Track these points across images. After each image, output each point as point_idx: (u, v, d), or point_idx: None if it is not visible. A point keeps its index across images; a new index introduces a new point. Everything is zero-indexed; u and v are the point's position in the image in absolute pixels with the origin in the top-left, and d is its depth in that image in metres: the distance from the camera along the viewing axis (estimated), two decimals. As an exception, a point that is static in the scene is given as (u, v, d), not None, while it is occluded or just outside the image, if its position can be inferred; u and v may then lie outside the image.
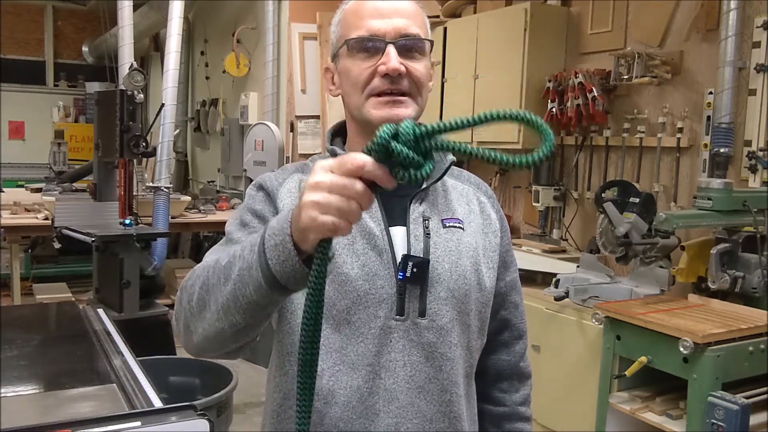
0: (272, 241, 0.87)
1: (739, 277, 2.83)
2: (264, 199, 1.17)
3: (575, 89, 3.74)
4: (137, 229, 3.81)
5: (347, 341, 1.11)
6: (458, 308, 1.15)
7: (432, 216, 1.17)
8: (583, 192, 3.99)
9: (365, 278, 1.11)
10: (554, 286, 3.35)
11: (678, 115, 3.43)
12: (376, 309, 1.11)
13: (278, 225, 0.87)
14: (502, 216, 1.30)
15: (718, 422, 2.31)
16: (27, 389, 1.62)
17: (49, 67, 9.36)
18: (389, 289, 1.11)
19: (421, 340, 1.12)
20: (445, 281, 1.14)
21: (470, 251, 1.18)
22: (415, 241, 1.14)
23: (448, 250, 1.16)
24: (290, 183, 1.18)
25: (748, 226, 2.85)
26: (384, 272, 1.12)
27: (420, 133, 0.80)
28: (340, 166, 0.80)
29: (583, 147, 3.97)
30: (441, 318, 1.14)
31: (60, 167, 5.63)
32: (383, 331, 1.11)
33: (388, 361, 1.11)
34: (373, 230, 1.13)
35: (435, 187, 1.21)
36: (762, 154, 3.05)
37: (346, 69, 1.15)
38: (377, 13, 1.12)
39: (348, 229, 0.81)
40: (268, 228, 0.89)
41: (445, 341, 1.14)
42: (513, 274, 1.31)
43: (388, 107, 1.12)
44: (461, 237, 1.18)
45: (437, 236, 1.16)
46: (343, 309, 1.10)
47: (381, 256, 1.12)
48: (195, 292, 1.00)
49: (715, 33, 3.18)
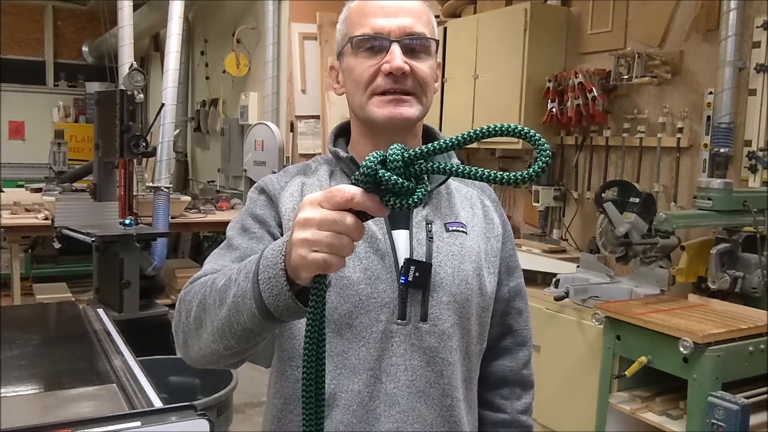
0: (266, 274, 0.84)
1: (739, 277, 2.82)
2: (266, 203, 1.16)
3: (575, 89, 3.74)
4: (137, 229, 3.82)
5: (349, 345, 1.10)
6: (459, 313, 1.15)
7: (435, 219, 1.17)
8: (583, 192, 3.99)
9: (367, 282, 1.10)
10: (554, 286, 3.35)
11: (678, 115, 3.43)
12: (377, 313, 1.10)
13: (272, 257, 0.84)
14: (506, 220, 1.29)
15: (718, 422, 2.31)
16: (27, 389, 1.62)
17: (49, 67, 9.36)
18: (391, 293, 1.11)
19: (422, 344, 1.12)
20: (447, 285, 1.13)
21: (473, 255, 1.18)
22: (417, 245, 1.13)
23: (450, 254, 1.15)
24: (292, 186, 1.17)
25: (748, 226, 2.85)
26: (386, 276, 1.11)
27: (409, 157, 0.77)
28: (329, 200, 0.77)
29: (583, 147, 3.97)
30: (443, 323, 1.13)
31: (60, 167, 5.63)
32: (384, 335, 1.10)
33: (389, 366, 1.10)
34: (375, 234, 1.12)
35: (439, 190, 1.20)
36: (762, 154, 3.05)
37: (350, 67, 1.14)
38: (382, 11, 1.11)
39: (341, 264, 0.78)
40: (263, 258, 0.86)
41: (446, 346, 1.13)
42: (517, 280, 1.29)
43: (392, 106, 1.11)
44: (464, 241, 1.18)
45: (440, 240, 1.15)
46: (345, 313, 1.10)
47: (383, 259, 1.11)
48: (192, 309, 0.99)
49: (715, 33, 3.18)
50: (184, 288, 1.06)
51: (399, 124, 1.12)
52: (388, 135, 1.14)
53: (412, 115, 1.12)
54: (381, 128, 1.14)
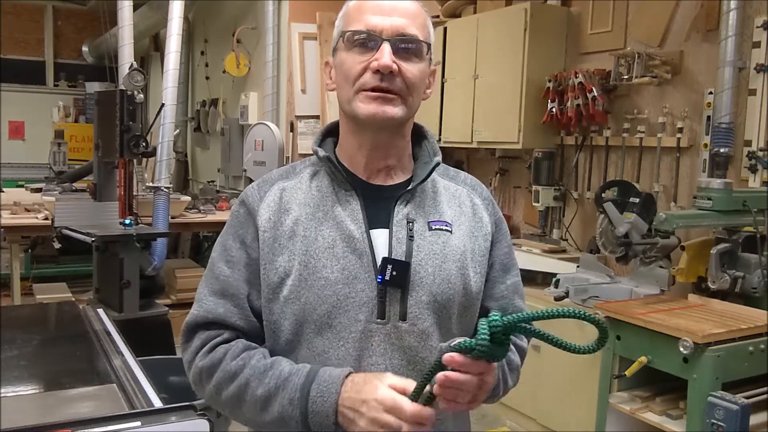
0: (316, 418, 1.02)
1: (739, 277, 2.82)
2: (245, 219, 1.18)
3: (575, 89, 3.74)
4: (137, 229, 3.81)
5: (329, 345, 1.11)
6: (440, 312, 1.14)
7: (418, 218, 1.16)
8: (583, 192, 3.99)
9: (345, 282, 1.11)
10: (554, 286, 3.35)
11: (678, 115, 3.43)
12: (356, 312, 1.10)
13: (323, 409, 1.02)
14: (500, 219, 1.28)
15: (718, 422, 2.31)
16: (27, 389, 1.62)
17: (49, 67, 9.36)
18: (369, 292, 1.11)
19: (402, 343, 1.12)
20: (427, 285, 1.13)
21: (457, 255, 1.17)
22: (397, 244, 1.13)
23: (432, 253, 1.14)
24: (270, 196, 1.19)
25: (748, 226, 2.85)
26: (364, 275, 1.11)
27: (509, 324, 0.93)
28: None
29: (583, 147, 3.97)
30: (422, 322, 1.13)
31: (60, 167, 5.63)
32: (364, 334, 1.11)
33: (370, 365, 1.10)
34: (353, 233, 1.13)
35: (423, 188, 1.20)
36: (762, 154, 3.05)
37: (341, 61, 1.15)
38: (378, 9, 1.12)
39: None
40: (311, 402, 1.03)
41: (426, 345, 1.13)
42: (514, 278, 1.28)
43: (377, 103, 1.10)
44: (448, 240, 1.17)
45: (421, 239, 1.15)
46: (324, 313, 1.10)
47: (361, 258, 1.12)
48: (224, 387, 1.12)
49: (715, 33, 3.18)
50: (191, 342, 1.17)
51: (381, 122, 1.12)
52: (372, 133, 1.15)
53: (395, 115, 1.11)
54: (365, 125, 1.14)
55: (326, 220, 1.14)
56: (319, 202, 1.16)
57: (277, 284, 1.12)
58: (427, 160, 1.21)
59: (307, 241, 1.13)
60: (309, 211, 1.15)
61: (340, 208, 1.15)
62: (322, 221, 1.14)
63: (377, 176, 1.19)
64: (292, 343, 1.13)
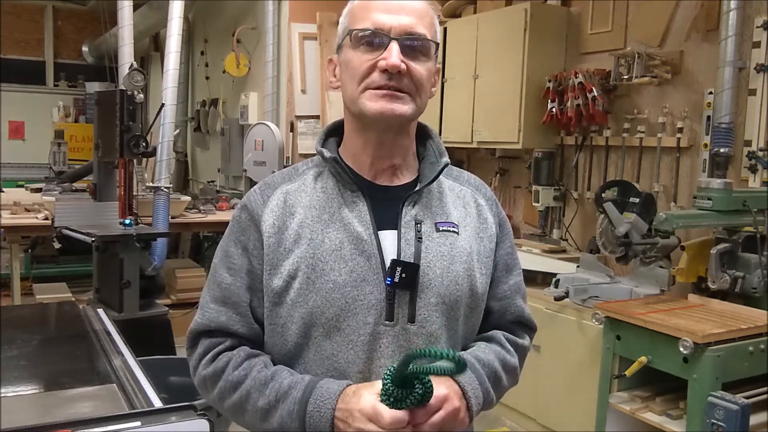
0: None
1: (739, 277, 2.82)
2: (247, 225, 1.17)
3: (575, 89, 3.74)
4: (137, 229, 3.81)
5: (338, 348, 1.10)
6: (448, 314, 1.14)
7: (425, 219, 1.16)
8: (583, 192, 3.99)
9: (353, 284, 1.10)
10: (554, 286, 3.35)
11: (678, 115, 3.43)
12: (365, 315, 1.10)
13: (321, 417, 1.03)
14: (503, 219, 1.27)
15: (718, 422, 2.31)
16: (27, 389, 1.62)
17: (49, 67, 9.35)
18: (378, 294, 1.10)
19: (410, 345, 1.11)
20: (436, 287, 1.13)
21: (464, 256, 1.16)
22: (405, 246, 1.12)
23: (440, 255, 1.14)
24: (274, 200, 1.17)
25: (748, 226, 2.85)
26: (373, 277, 1.10)
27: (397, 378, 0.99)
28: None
29: (583, 147, 3.97)
30: (431, 324, 1.12)
31: (60, 167, 5.63)
32: (373, 337, 1.10)
33: (378, 367, 1.10)
34: (361, 235, 1.12)
35: (430, 189, 1.19)
36: (762, 154, 3.05)
37: (348, 59, 1.13)
38: (385, 8, 1.11)
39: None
40: (308, 416, 1.04)
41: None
42: (517, 278, 1.28)
43: (385, 101, 1.10)
44: (455, 241, 1.16)
45: (429, 240, 1.14)
46: (332, 317, 1.10)
47: (369, 260, 1.11)
48: (227, 396, 1.13)
49: (715, 33, 3.18)
50: (195, 348, 1.17)
51: (390, 119, 1.11)
52: (379, 131, 1.14)
53: (404, 113, 1.11)
54: (372, 123, 1.13)
55: (333, 222, 1.13)
56: (324, 204, 1.15)
57: (283, 288, 1.12)
58: (434, 161, 1.20)
59: (314, 243, 1.12)
60: (315, 213, 1.14)
61: (347, 209, 1.14)
62: (329, 223, 1.13)
63: (382, 176, 1.18)
64: (300, 346, 1.13)
